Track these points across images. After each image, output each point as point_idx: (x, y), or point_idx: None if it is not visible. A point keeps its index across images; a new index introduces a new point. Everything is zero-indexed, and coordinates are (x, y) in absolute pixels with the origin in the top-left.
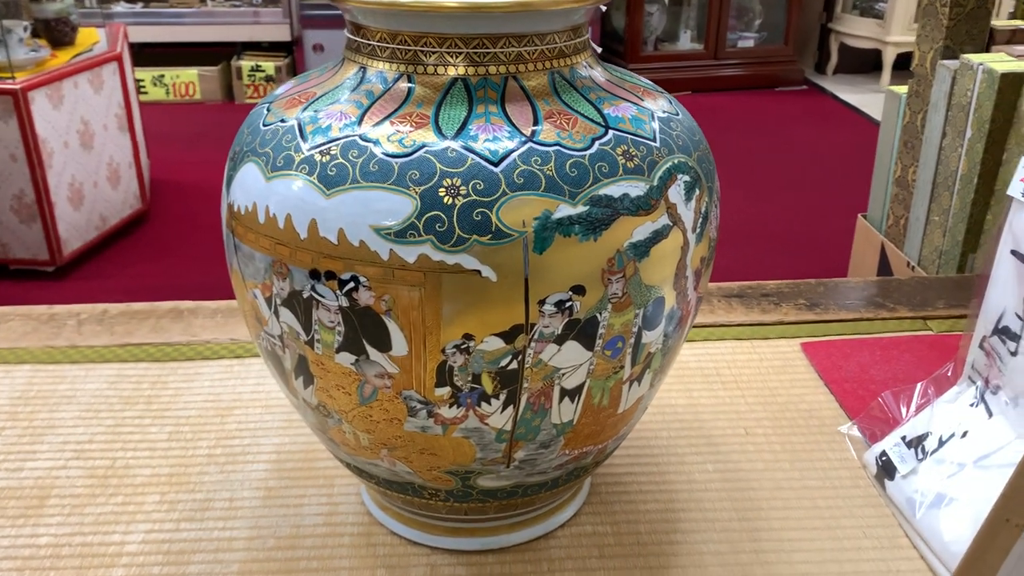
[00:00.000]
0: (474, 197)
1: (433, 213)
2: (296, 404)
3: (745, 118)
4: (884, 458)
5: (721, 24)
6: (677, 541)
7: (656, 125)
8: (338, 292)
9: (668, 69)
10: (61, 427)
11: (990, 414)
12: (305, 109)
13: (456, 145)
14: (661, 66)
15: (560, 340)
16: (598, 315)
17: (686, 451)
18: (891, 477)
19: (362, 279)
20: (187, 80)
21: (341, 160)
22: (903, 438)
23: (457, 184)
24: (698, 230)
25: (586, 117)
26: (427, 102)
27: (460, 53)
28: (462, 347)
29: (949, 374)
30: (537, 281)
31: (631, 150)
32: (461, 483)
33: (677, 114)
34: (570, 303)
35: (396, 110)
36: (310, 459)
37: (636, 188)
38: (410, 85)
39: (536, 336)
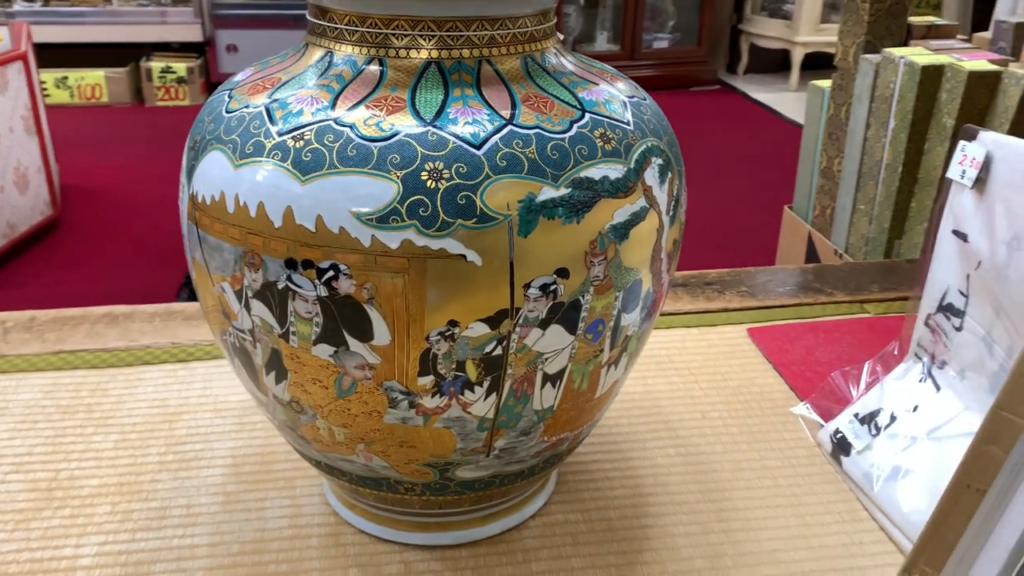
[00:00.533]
0: (457, 180)
1: (416, 197)
2: (264, 402)
3: None
4: (839, 435)
5: (637, 25)
6: (648, 525)
7: (628, 109)
8: (316, 281)
9: None
10: None
11: (938, 388)
12: (272, 95)
13: (436, 129)
14: None
15: (544, 324)
16: (581, 298)
17: (647, 437)
18: (847, 453)
19: (342, 267)
20: (93, 82)
21: (316, 145)
22: (856, 415)
23: (440, 168)
24: (671, 213)
25: (562, 101)
26: (401, 86)
27: (432, 36)
28: (447, 334)
29: (895, 352)
30: (522, 265)
31: (608, 133)
32: (439, 475)
33: (645, 99)
34: (554, 286)
35: (370, 94)
36: (268, 462)
37: (615, 171)
38: (381, 69)
39: (521, 321)
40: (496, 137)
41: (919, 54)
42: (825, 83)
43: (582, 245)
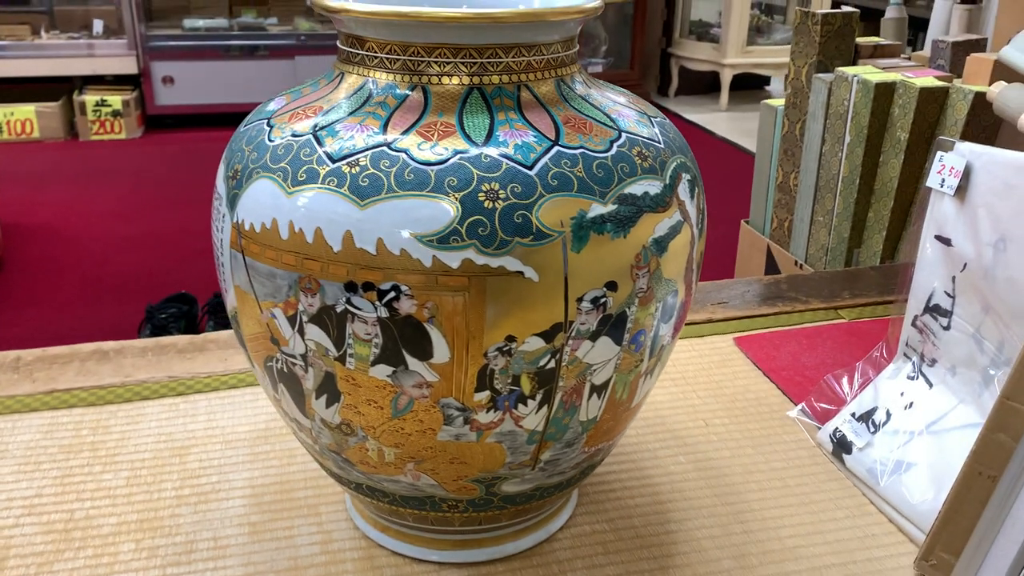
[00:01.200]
0: (513, 200)
1: (475, 218)
2: (307, 427)
3: None
4: (839, 435)
5: None
6: (672, 530)
7: (655, 128)
8: (377, 303)
9: None
10: (0, 484)
11: (930, 385)
12: (317, 122)
13: (488, 151)
14: None
15: (594, 336)
16: (627, 310)
17: (656, 446)
18: (848, 451)
19: (403, 288)
20: (23, 117)
21: (373, 170)
22: (853, 415)
23: (496, 188)
24: (700, 225)
25: (599, 122)
26: (447, 111)
27: (473, 63)
28: (504, 349)
29: (882, 353)
30: (575, 279)
31: (644, 151)
32: (485, 491)
33: (664, 119)
34: (604, 299)
35: (418, 120)
36: (287, 490)
37: (653, 187)
38: (424, 95)
39: (573, 333)
40: (545, 158)
41: (870, 72)
42: (777, 102)
43: (628, 259)
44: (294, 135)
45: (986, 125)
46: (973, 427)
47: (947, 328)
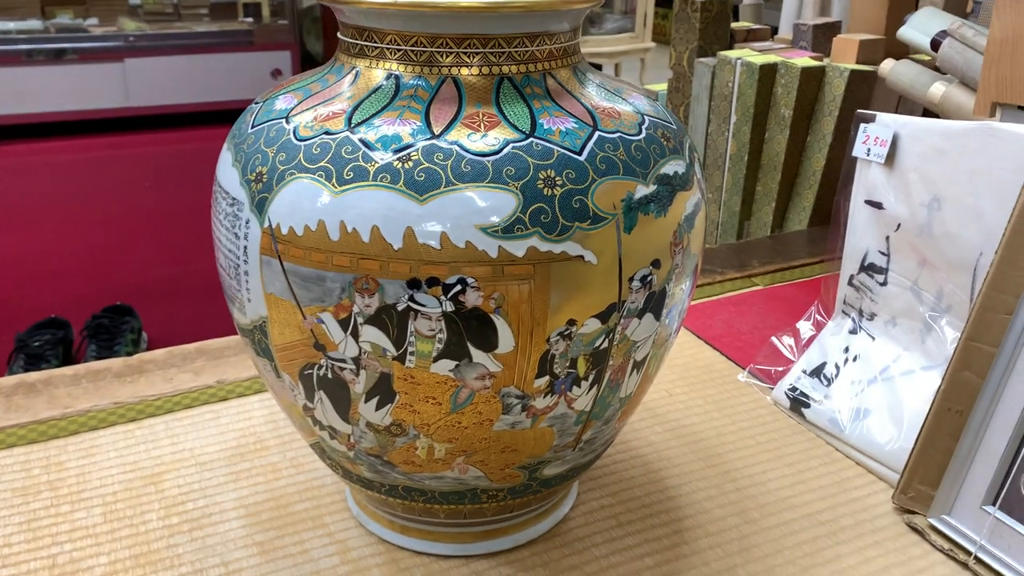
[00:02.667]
0: (570, 186)
1: (537, 205)
2: (345, 433)
3: None
4: (794, 392)
5: None
6: (673, 496)
7: (662, 109)
8: (442, 298)
9: None
10: None
11: (873, 337)
12: (351, 118)
13: (538, 140)
14: None
15: (641, 314)
16: (667, 286)
17: (632, 420)
18: (807, 406)
19: (470, 280)
20: None
21: (428, 164)
22: (804, 371)
23: (552, 175)
24: (706, 200)
25: (619, 106)
26: (484, 101)
27: (501, 52)
28: (565, 333)
29: (820, 312)
30: (628, 259)
31: (666, 132)
32: (528, 476)
33: (658, 100)
34: (650, 276)
35: (459, 111)
36: (283, 504)
37: (679, 166)
38: (457, 87)
39: (624, 313)
40: (591, 143)
41: (750, 55)
42: (660, 86)
43: (668, 237)
44: (328, 133)
45: (860, 98)
46: (921, 371)
47: (884, 284)
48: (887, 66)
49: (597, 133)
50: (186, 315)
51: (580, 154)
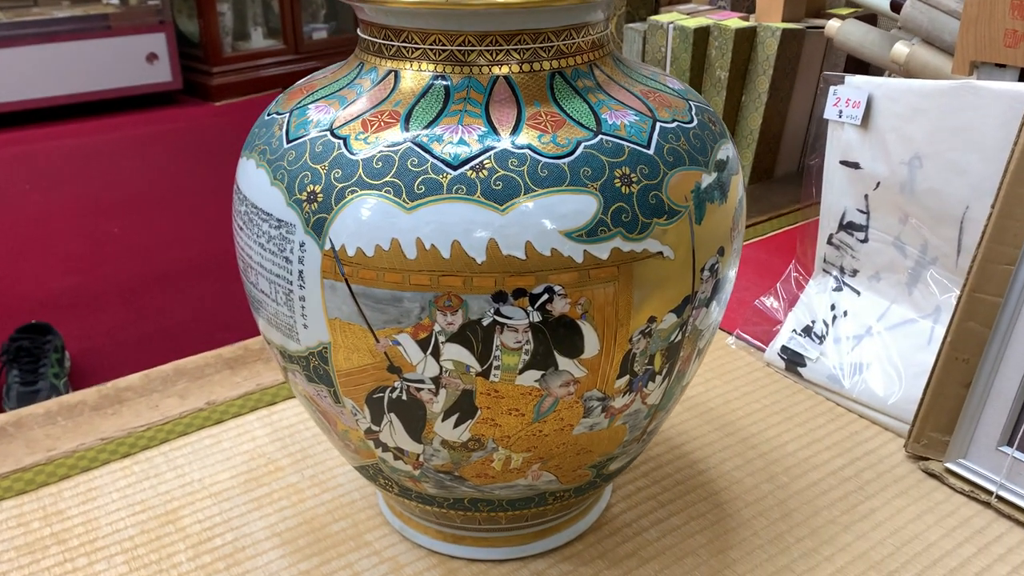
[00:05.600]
0: (645, 182)
1: (618, 205)
2: (415, 453)
3: None
4: (788, 352)
5: (295, 17)
6: (703, 469)
7: (695, 92)
8: (529, 308)
9: (252, 68)
10: None
11: (858, 293)
12: (408, 128)
13: (607, 136)
14: (245, 66)
15: (708, 303)
16: (728, 272)
17: None
18: (803, 364)
19: (556, 288)
20: None
21: (503, 172)
22: (794, 331)
23: (628, 172)
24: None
25: (665, 92)
26: (541, 99)
27: (552, 47)
28: (646, 331)
29: (799, 272)
30: (699, 250)
31: (710, 117)
32: (596, 474)
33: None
34: (717, 264)
35: (520, 112)
36: (317, 527)
37: (728, 150)
38: (511, 85)
39: (696, 303)
40: (655, 135)
41: (681, 19)
42: None
43: (728, 223)
44: (389, 145)
45: (790, 57)
46: (911, 322)
47: (864, 240)
48: (834, 25)
49: (658, 124)
50: (103, 326)
51: (648, 147)
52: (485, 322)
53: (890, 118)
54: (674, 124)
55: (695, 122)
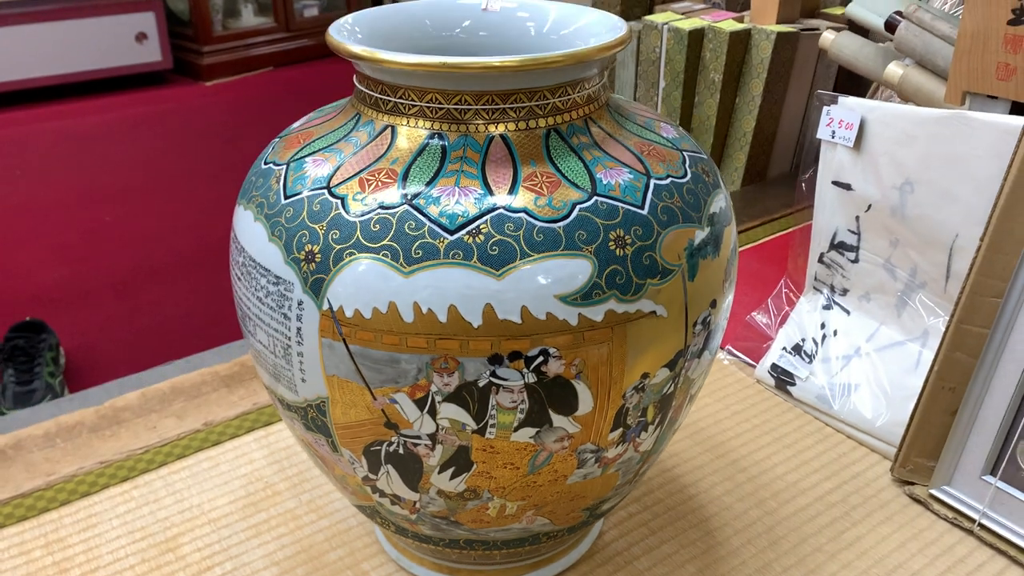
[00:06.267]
0: (639, 244)
1: (612, 268)
2: (411, 500)
3: (327, 89)
4: (778, 370)
5: None
6: (693, 495)
7: (685, 139)
8: (525, 370)
9: (243, 47)
10: None
11: (848, 312)
12: (406, 189)
13: (601, 197)
14: (236, 44)
15: (700, 353)
16: (720, 321)
17: None
18: (792, 383)
19: (551, 351)
20: None
21: (500, 237)
22: (784, 348)
23: (622, 235)
24: None
25: (660, 144)
26: (538, 159)
27: (547, 104)
28: (639, 387)
29: (789, 288)
30: (692, 306)
31: (704, 167)
32: (589, 515)
33: (676, 122)
34: (709, 317)
35: (516, 173)
36: (314, 556)
37: (722, 200)
38: (507, 143)
39: (688, 355)
40: (649, 194)
41: (675, 20)
42: None
43: (720, 275)
44: (384, 207)
45: (784, 60)
46: (899, 344)
47: (855, 261)
48: (829, 37)
49: (652, 182)
50: (97, 320)
51: (643, 207)
52: (481, 383)
53: (883, 142)
54: (668, 180)
55: (689, 176)
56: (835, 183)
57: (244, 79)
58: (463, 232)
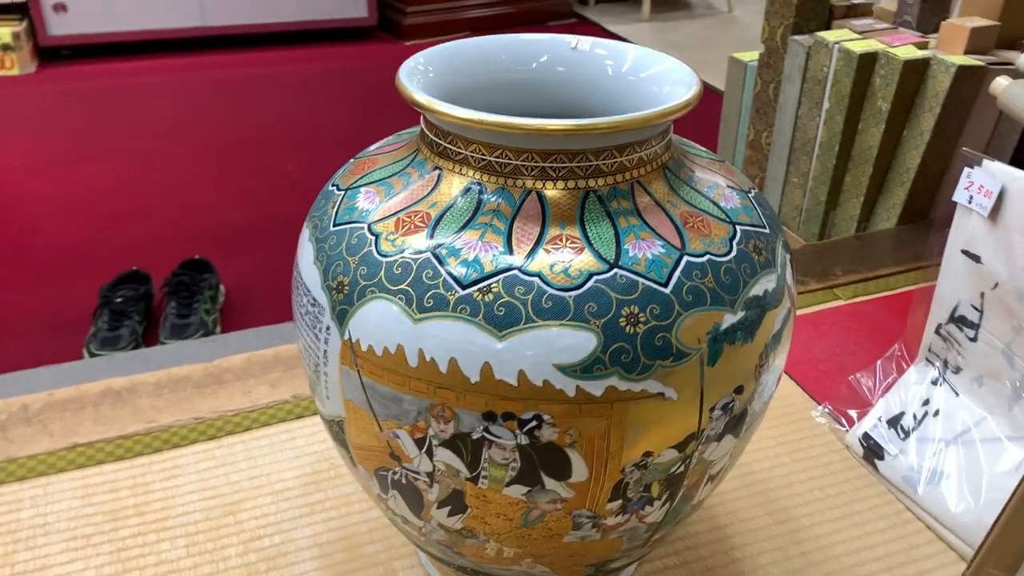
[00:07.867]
0: (653, 323)
1: (618, 345)
2: (417, 525)
3: None
4: (870, 440)
5: None
6: (737, 558)
7: (753, 204)
8: (517, 431)
9: (445, 10)
10: (53, 567)
11: (956, 393)
12: (432, 235)
13: (622, 271)
14: (440, 7)
15: (720, 437)
16: (749, 407)
17: None
18: (880, 457)
19: (545, 417)
20: None
21: (508, 299)
22: (880, 419)
23: (635, 312)
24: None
25: (713, 216)
26: (567, 220)
27: (590, 166)
28: (641, 464)
29: (903, 354)
30: (710, 391)
31: (758, 243)
32: (595, 570)
33: (754, 188)
34: (732, 403)
35: (542, 233)
36: (354, 546)
37: (771, 281)
38: (541, 202)
39: (703, 440)
40: (677, 271)
41: (849, 39)
42: (747, 56)
43: (754, 360)
44: (410, 251)
45: (964, 95)
46: (1006, 439)
47: (974, 340)
48: (1002, 83)
49: (685, 258)
50: (260, 263)
51: (666, 286)
52: (475, 436)
53: (1020, 217)
54: (705, 258)
55: (733, 253)
56: (964, 252)
57: (440, 42)
58: (474, 288)
